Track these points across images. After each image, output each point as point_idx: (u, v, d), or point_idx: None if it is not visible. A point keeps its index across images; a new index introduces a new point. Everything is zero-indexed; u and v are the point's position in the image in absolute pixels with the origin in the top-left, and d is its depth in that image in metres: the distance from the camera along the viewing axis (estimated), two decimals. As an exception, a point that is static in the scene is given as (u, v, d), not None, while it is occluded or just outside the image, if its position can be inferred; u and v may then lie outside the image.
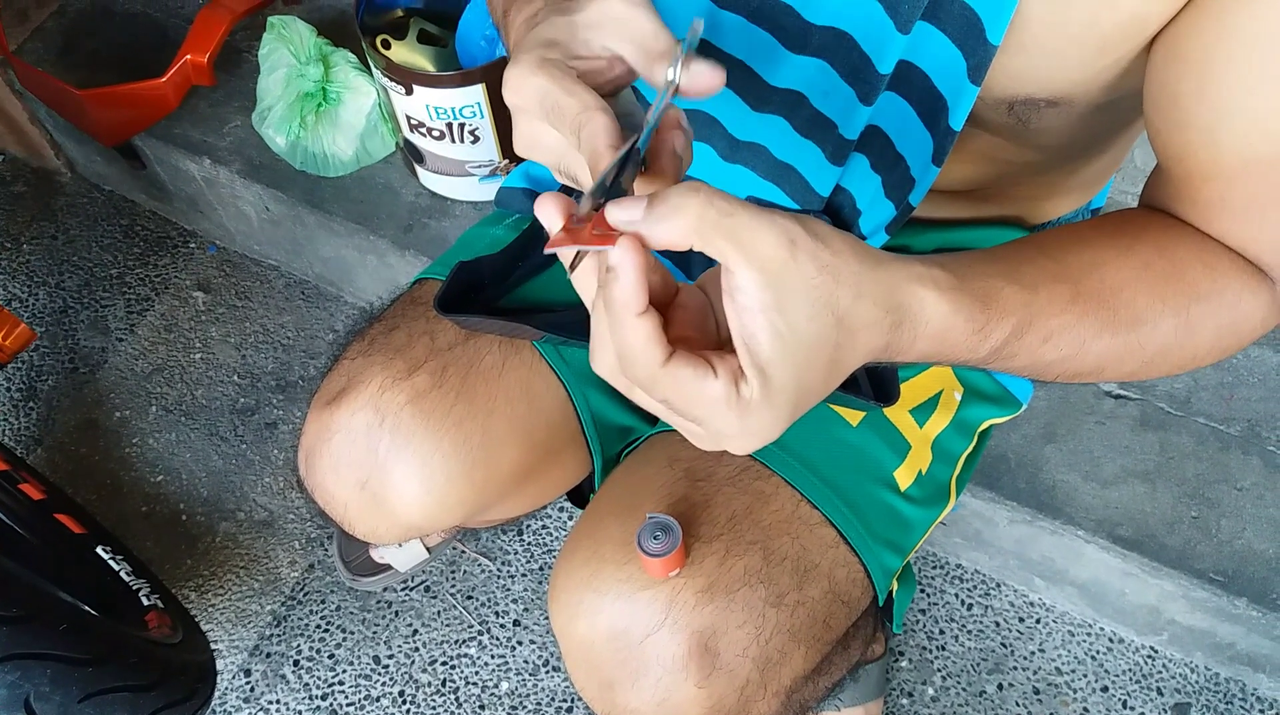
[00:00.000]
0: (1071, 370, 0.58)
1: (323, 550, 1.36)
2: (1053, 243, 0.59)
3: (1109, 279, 0.57)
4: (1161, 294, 0.57)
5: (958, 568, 1.34)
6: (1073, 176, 0.80)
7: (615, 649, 0.70)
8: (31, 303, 1.55)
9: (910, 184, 0.70)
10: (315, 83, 1.31)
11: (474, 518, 0.86)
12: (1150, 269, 0.58)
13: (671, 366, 0.45)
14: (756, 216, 0.44)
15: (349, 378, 0.79)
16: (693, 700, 0.69)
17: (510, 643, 1.30)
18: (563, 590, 0.73)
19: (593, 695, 0.73)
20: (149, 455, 1.43)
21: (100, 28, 1.55)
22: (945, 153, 0.66)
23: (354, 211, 1.36)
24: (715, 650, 0.69)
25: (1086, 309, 0.56)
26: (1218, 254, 0.60)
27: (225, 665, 1.28)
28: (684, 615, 0.69)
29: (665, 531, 0.66)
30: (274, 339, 1.52)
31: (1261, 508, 1.17)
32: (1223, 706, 1.25)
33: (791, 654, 0.72)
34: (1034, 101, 0.62)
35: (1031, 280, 0.55)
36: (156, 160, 1.48)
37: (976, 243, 0.83)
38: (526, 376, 0.81)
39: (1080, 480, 1.19)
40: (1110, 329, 0.56)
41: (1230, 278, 0.59)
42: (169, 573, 1.34)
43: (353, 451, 0.78)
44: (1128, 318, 0.56)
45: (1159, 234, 0.60)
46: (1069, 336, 0.55)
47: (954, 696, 1.26)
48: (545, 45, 0.53)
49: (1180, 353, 0.59)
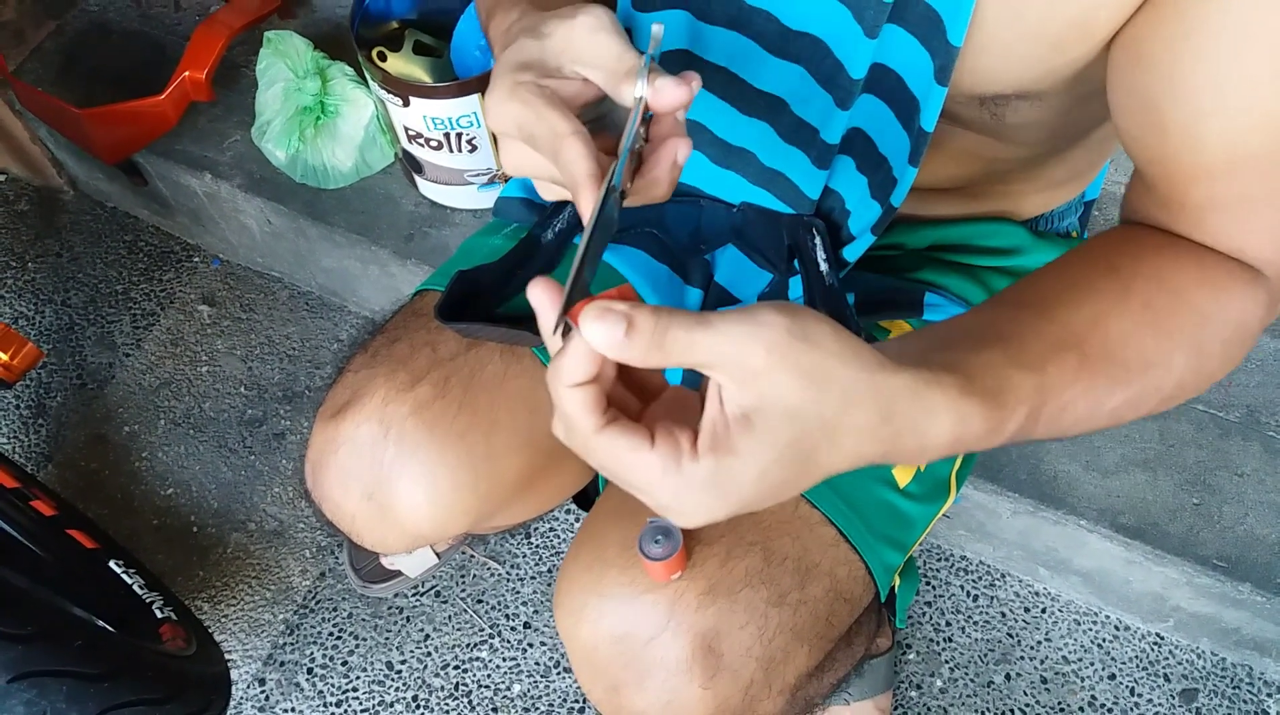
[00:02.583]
0: (1092, 427, 0.57)
1: (333, 558, 1.37)
2: (1050, 299, 0.57)
3: (1113, 332, 0.55)
4: (1168, 331, 0.56)
5: (962, 560, 1.35)
6: (1061, 167, 0.81)
7: (620, 652, 0.71)
8: (38, 320, 1.56)
9: (892, 184, 0.71)
10: (313, 96, 1.32)
11: (480, 525, 0.87)
12: (1151, 308, 0.56)
13: (606, 434, 0.45)
14: (736, 324, 0.43)
15: (353, 391, 0.80)
16: (698, 701, 0.70)
17: (521, 645, 1.31)
18: (567, 595, 0.74)
19: (599, 698, 0.74)
20: (158, 468, 1.44)
21: (98, 46, 1.56)
22: (920, 153, 0.66)
23: (355, 222, 1.37)
24: (719, 651, 0.70)
25: (1097, 370, 0.54)
26: (1214, 267, 0.58)
27: (240, 675, 1.30)
28: (687, 617, 0.69)
29: (666, 535, 0.67)
30: (279, 350, 1.53)
31: (1263, 493, 1.18)
32: (1230, 691, 1.26)
33: (795, 652, 0.73)
34: (1003, 97, 0.63)
35: (1038, 357, 0.53)
36: (158, 176, 1.49)
37: (971, 238, 0.84)
38: (529, 385, 0.82)
39: (1081, 470, 1.20)
40: (1123, 383, 0.55)
41: (1230, 290, 0.58)
42: (181, 585, 1.35)
43: (358, 463, 0.79)
44: (1139, 366, 0.55)
45: (1153, 262, 0.58)
46: (1083, 402, 0.54)
47: (962, 687, 1.27)
48: (518, 69, 0.54)
49: (1196, 378, 0.58)
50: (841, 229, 0.77)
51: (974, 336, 0.54)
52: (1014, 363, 0.52)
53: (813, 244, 0.69)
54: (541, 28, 0.55)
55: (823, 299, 0.68)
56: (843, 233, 0.77)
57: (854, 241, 0.76)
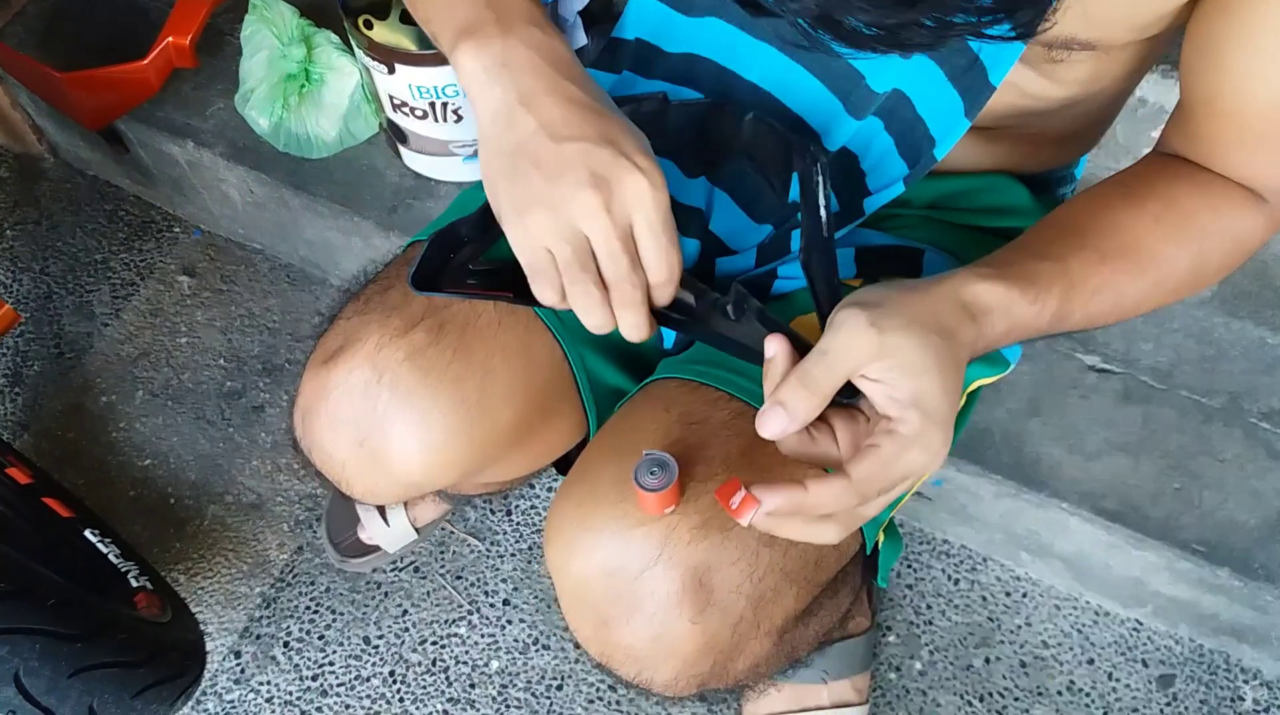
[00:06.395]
0: (1117, 314, 0.68)
1: (311, 532, 1.36)
2: (1069, 218, 0.69)
3: (1126, 238, 0.67)
4: (1175, 240, 0.67)
5: (944, 543, 1.35)
6: (1076, 120, 0.82)
7: (610, 586, 0.71)
8: (16, 289, 1.54)
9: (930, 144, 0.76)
10: (298, 64, 1.30)
11: (470, 478, 0.86)
12: (1161, 222, 0.68)
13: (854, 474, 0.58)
14: (836, 342, 0.59)
15: (346, 336, 0.79)
16: (687, 636, 0.70)
17: (500, 622, 1.30)
18: (558, 530, 0.74)
19: (588, 635, 0.74)
20: (136, 439, 1.43)
21: (82, 11, 1.54)
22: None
23: (338, 193, 1.35)
24: (709, 586, 0.70)
25: (1116, 266, 0.66)
26: (1217, 192, 0.69)
27: (215, 647, 1.28)
28: (678, 551, 0.69)
29: (662, 467, 0.67)
30: (260, 323, 1.52)
31: (1243, 479, 1.18)
32: (1207, 677, 1.26)
33: (784, 592, 0.73)
34: (1075, 41, 0.66)
35: (1060, 253, 0.65)
36: (139, 144, 1.48)
37: (973, 193, 0.85)
38: (523, 335, 0.81)
39: (1064, 453, 1.20)
40: (1139, 276, 0.67)
41: (1231, 210, 0.68)
42: (157, 556, 1.34)
43: (350, 408, 0.78)
44: (1150, 264, 0.67)
45: (1164, 188, 0.69)
46: (1109, 290, 0.66)
47: (941, 670, 1.27)
48: None
49: (1196, 279, 0.70)
50: (863, 179, 0.77)
51: (1002, 250, 0.67)
52: (1038, 257, 0.65)
53: (816, 183, 0.68)
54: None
55: (818, 257, 0.68)
56: (863, 183, 0.77)
57: (879, 192, 0.77)
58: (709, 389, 0.77)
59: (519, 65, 0.64)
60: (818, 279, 0.68)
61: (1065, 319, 0.66)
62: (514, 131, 0.63)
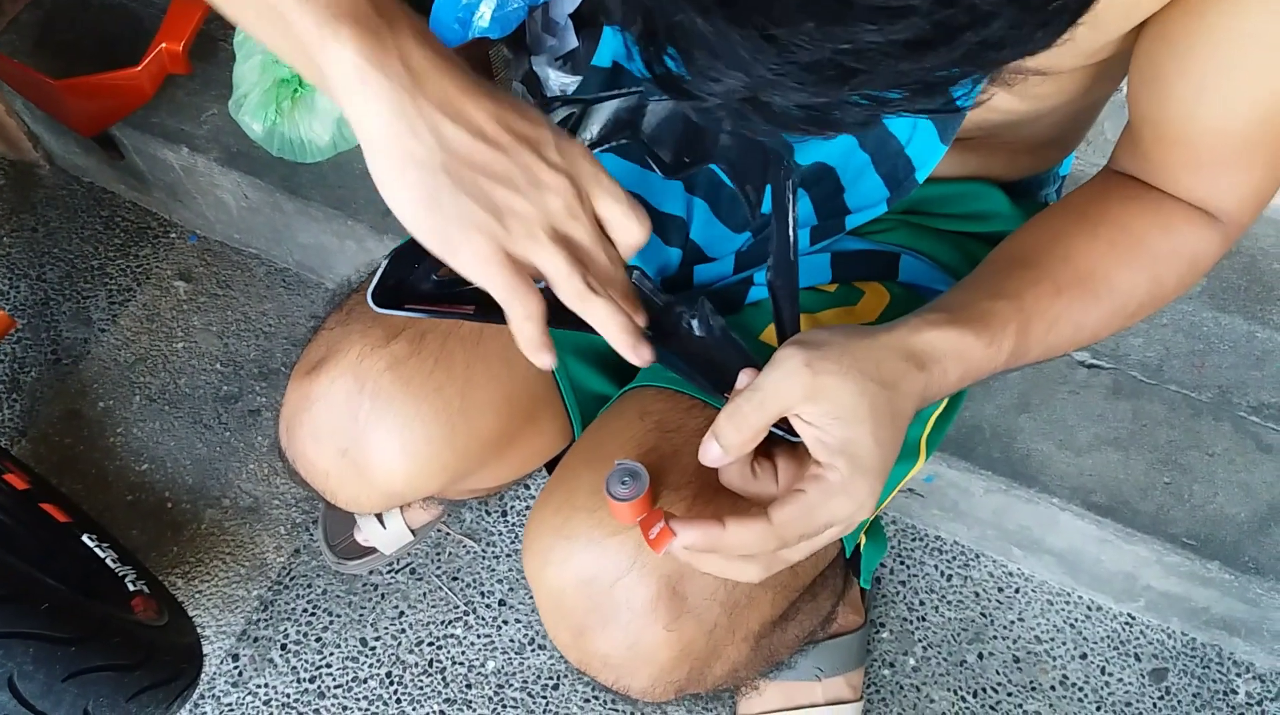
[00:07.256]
0: (1076, 342, 0.68)
1: (308, 535, 1.37)
2: (1022, 250, 0.69)
3: (1081, 266, 0.67)
4: (1130, 264, 0.68)
5: (937, 540, 1.36)
6: (1051, 129, 0.82)
7: (586, 595, 0.71)
8: (13, 295, 1.55)
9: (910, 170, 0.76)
10: (291, 69, 1.31)
11: (455, 485, 0.87)
12: (1115, 247, 0.68)
13: (775, 518, 0.59)
14: (769, 380, 0.59)
15: (328, 347, 0.80)
16: (662, 643, 0.71)
17: (496, 622, 1.31)
18: (535, 539, 0.74)
19: (566, 643, 0.74)
20: (133, 444, 1.43)
21: (76, 19, 1.55)
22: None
23: (332, 197, 1.36)
24: (683, 593, 0.70)
25: (1073, 295, 0.66)
26: (1170, 212, 0.69)
27: (213, 650, 1.29)
28: (651, 559, 0.70)
29: (633, 477, 0.67)
30: (256, 327, 1.53)
31: (1232, 473, 1.19)
32: (1200, 671, 1.27)
33: (759, 598, 0.73)
34: (1023, 69, 0.65)
35: (1015, 289, 0.65)
36: (134, 150, 1.48)
37: (951, 199, 0.85)
38: (505, 343, 0.81)
39: (1055, 449, 1.20)
40: (1096, 303, 0.67)
41: (1185, 230, 0.69)
42: (155, 560, 1.34)
43: (333, 419, 0.79)
44: (1106, 291, 0.67)
45: (1118, 211, 0.69)
46: (1066, 321, 0.66)
47: (935, 666, 1.28)
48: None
49: (1154, 302, 0.70)
50: (840, 194, 0.77)
51: (956, 290, 0.67)
52: (992, 296, 0.64)
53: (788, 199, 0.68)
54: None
55: (783, 281, 0.68)
56: (842, 199, 0.78)
57: (860, 212, 0.77)
58: (684, 397, 0.77)
59: (419, 60, 0.54)
60: (783, 306, 0.68)
61: (1024, 355, 0.65)
62: (430, 138, 0.55)
